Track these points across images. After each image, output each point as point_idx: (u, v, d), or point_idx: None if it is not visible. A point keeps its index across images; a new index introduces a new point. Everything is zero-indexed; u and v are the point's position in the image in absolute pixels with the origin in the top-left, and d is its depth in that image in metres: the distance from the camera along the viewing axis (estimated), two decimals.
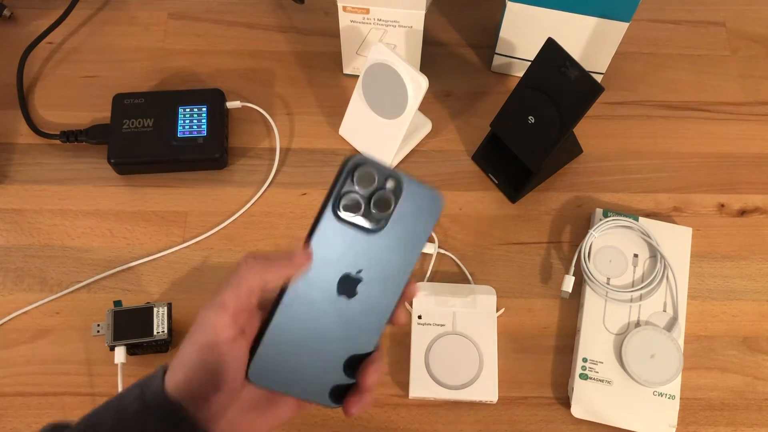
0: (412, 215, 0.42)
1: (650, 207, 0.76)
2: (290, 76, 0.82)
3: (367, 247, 0.42)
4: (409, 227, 0.42)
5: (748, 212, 0.76)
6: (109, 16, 0.86)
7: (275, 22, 0.86)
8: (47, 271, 0.72)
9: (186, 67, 0.83)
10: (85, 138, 0.76)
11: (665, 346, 0.67)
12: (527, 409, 0.68)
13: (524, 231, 0.75)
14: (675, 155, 0.79)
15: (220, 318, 0.39)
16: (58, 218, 0.74)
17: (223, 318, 0.39)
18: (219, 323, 0.39)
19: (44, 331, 0.70)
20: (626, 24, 0.72)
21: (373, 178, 0.41)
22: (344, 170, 0.40)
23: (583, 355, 0.68)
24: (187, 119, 0.75)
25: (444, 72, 0.83)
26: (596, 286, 0.70)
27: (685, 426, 0.67)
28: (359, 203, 0.41)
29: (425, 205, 0.42)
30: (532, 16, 0.73)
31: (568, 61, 0.66)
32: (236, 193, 0.76)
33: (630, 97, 0.82)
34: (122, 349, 0.66)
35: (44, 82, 0.82)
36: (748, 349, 0.70)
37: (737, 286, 0.73)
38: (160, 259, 0.73)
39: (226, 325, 0.39)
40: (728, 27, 0.86)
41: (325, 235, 0.41)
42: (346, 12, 0.73)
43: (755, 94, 0.82)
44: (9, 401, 0.67)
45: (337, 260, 0.41)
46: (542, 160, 0.70)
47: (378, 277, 0.42)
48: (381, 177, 0.41)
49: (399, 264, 0.42)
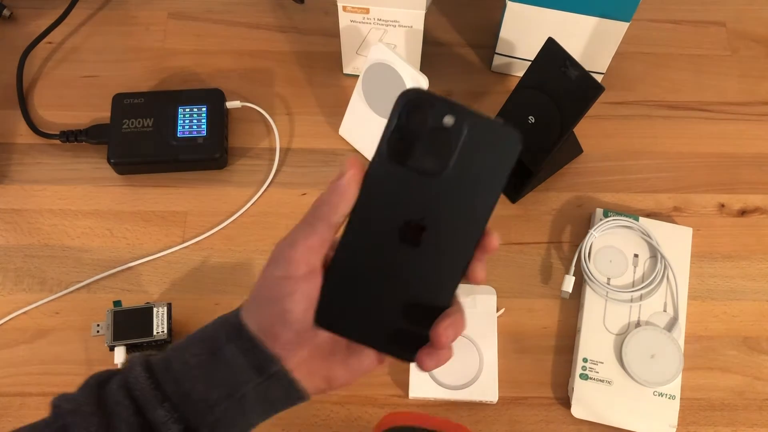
0: (480, 156, 0.37)
1: (650, 207, 0.76)
2: (290, 76, 0.82)
3: (429, 192, 0.38)
4: (477, 170, 0.37)
5: (748, 212, 0.76)
6: (109, 16, 0.86)
7: (275, 22, 0.86)
8: (47, 271, 0.72)
9: (186, 67, 0.83)
10: (84, 138, 0.76)
11: (665, 346, 0.67)
12: (527, 409, 0.68)
13: (524, 231, 0.75)
14: (675, 155, 0.79)
15: (292, 252, 0.39)
16: (58, 218, 0.74)
17: (295, 252, 0.39)
18: (291, 257, 0.39)
19: (44, 331, 0.70)
20: (626, 24, 0.72)
21: (427, 114, 0.37)
22: (397, 106, 0.37)
23: (584, 355, 0.68)
24: (187, 119, 0.75)
25: (444, 72, 0.82)
26: (596, 286, 0.70)
27: (685, 426, 0.67)
28: (414, 143, 0.37)
29: (497, 145, 0.37)
30: (532, 15, 0.73)
31: (569, 61, 0.66)
32: (236, 193, 0.76)
33: (630, 97, 0.82)
34: (122, 349, 0.66)
35: (44, 82, 0.82)
36: (748, 350, 0.70)
37: (737, 286, 0.73)
38: (160, 259, 0.73)
39: (298, 259, 0.39)
40: (728, 27, 0.86)
41: (380, 178, 0.38)
42: (346, 12, 0.73)
43: (755, 94, 0.82)
44: (9, 401, 0.67)
45: (395, 205, 0.38)
46: (542, 160, 0.70)
47: (444, 225, 0.38)
48: (438, 112, 0.37)
49: (469, 212, 0.38)
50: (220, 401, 0.40)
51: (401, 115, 0.37)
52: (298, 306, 0.39)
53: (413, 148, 0.37)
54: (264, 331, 0.40)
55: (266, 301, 0.40)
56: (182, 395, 0.40)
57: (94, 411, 0.40)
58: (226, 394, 0.40)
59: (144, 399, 0.40)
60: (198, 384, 0.40)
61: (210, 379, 0.40)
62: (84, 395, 0.41)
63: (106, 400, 0.41)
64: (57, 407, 0.42)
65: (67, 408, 0.41)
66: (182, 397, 0.40)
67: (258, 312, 0.40)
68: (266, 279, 0.40)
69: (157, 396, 0.40)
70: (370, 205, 0.39)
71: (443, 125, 0.37)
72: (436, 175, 0.38)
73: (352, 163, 0.38)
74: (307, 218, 0.39)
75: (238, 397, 0.40)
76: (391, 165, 0.38)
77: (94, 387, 0.42)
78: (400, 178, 0.38)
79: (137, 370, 0.41)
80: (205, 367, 0.40)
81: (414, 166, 0.38)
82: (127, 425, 0.39)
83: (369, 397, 0.68)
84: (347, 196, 0.38)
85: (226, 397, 0.40)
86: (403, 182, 0.38)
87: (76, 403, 0.41)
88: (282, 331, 0.40)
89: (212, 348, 0.41)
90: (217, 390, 0.40)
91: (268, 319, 0.40)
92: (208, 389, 0.40)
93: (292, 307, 0.39)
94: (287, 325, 0.39)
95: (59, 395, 0.43)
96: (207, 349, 0.41)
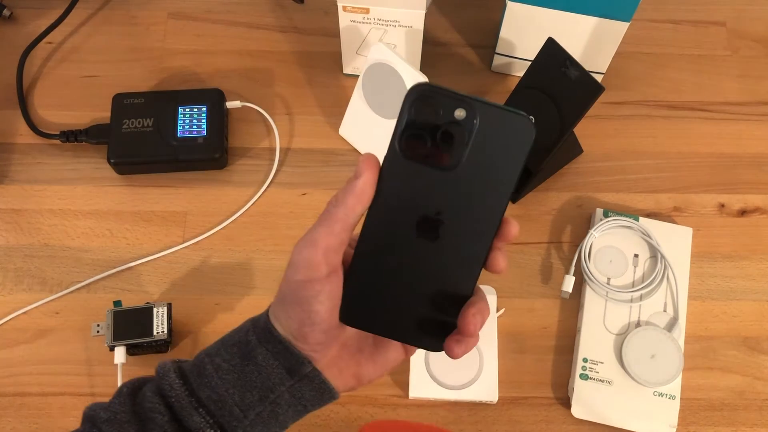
0: (494, 146, 0.37)
1: (650, 207, 0.76)
2: (290, 76, 0.82)
3: (445, 185, 0.38)
4: (492, 160, 0.37)
5: (748, 212, 0.76)
6: (109, 16, 0.86)
7: (275, 22, 0.86)
8: (47, 271, 0.72)
9: (186, 67, 0.83)
10: (84, 138, 0.76)
11: (665, 346, 0.67)
12: (527, 409, 0.68)
13: (524, 231, 0.75)
14: (675, 155, 0.79)
15: (312, 254, 0.39)
16: (58, 218, 0.74)
17: (314, 254, 0.39)
18: (311, 260, 0.39)
19: (44, 332, 0.70)
20: (626, 24, 0.72)
21: (437, 108, 0.36)
22: (407, 101, 0.36)
23: (584, 355, 0.68)
24: (187, 119, 0.75)
25: (444, 72, 0.82)
26: (596, 286, 0.70)
27: (685, 426, 0.67)
28: (425, 138, 0.37)
29: (511, 134, 0.37)
30: (532, 15, 0.73)
31: (569, 61, 0.66)
32: (236, 193, 0.76)
33: (630, 97, 0.82)
34: (122, 349, 0.66)
35: (44, 82, 0.82)
36: (748, 350, 0.70)
37: (738, 286, 0.73)
38: (160, 259, 0.73)
39: (318, 261, 0.39)
40: (728, 27, 0.86)
41: (394, 175, 0.38)
42: (346, 12, 0.73)
43: (756, 94, 0.82)
44: (8, 401, 0.67)
45: (412, 201, 0.38)
46: (542, 160, 0.70)
47: (462, 217, 0.38)
48: (449, 106, 0.36)
49: (485, 203, 0.38)
50: (254, 405, 0.41)
51: (411, 111, 0.37)
52: (324, 306, 0.40)
53: (425, 143, 0.37)
54: (293, 333, 0.41)
55: (292, 304, 0.40)
56: (217, 401, 0.40)
57: (130, 419, 0.41)
58: (260, 398, 0.41)
59: (179, 405, 0.40)
60: (231, 389, 0.41)
61: (243, 384, 0.41)
62: (118, 403, 0.42)
63: (141, 408, 0.41)
64: (92, 417, 0.42)
65: (103, 417, 0.41)
66: (217, 402, 0.40)
67: (285, 315, 0.41)
68: (289, 283, 0.40)
69: (192, 402, 0.40)
70: (386, 203, 0.39)
71: (454, 118, 0.37)
72: (450, 168, 0.38)
73: (367, 165, 0.38)
74: (323, 220, 0.40)
75: (271, 400, 0.41)
76: (404, 162, 0.38)
77: (127, 395, 0.42)
78: (414, 174, 0.38)
79: (171, 377, 0.41)
80: (238, 372, 0.41)
81: (428, 161, 0.38)
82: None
83: (369, 397, 0.68)
84: (364, 198, 0.38)
85: (259, 401, 0.41)
86: (418, 178, 0.38)
87: (111, 412, 0.41)
88: (310, 332, 0.40)
89: (244, 352, 0.41)
90: (250, 394, 0.41)
91: (295, 321, 0.40)
92: (242, 394, 0.40)
93: (318, 308, 0.40)
94: (315, 326, 0.40)
95: (92, 404, 0.43)
96: (239, 354, 0.41)
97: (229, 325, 0.66)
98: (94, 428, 0.41)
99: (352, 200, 0.38)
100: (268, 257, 0.73)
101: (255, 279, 0.72)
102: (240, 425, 0.41)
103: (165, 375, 0.42)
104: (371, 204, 0.39)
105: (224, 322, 0.71)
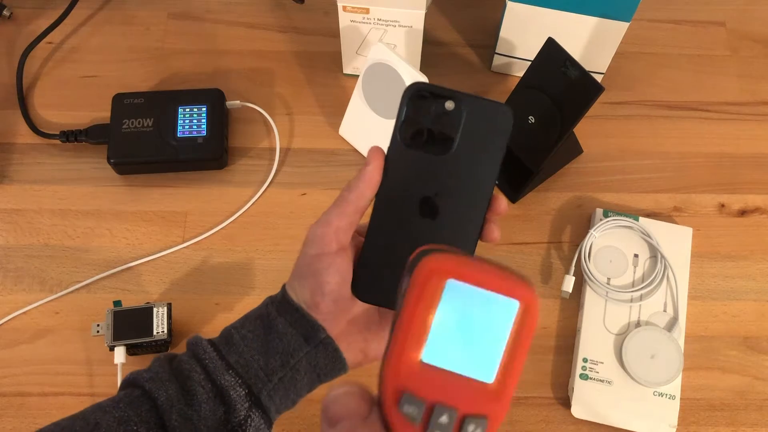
0: (481, 132, 0.43)
1: (650, 207, 0.76)
2: (290, 75, 0.82)
3: (441, 169, 0.43)
4: (479, 144, 0.43)
5: (748, 212, 0.76)
6: (109, 16, 0.86)
7: (275, 22, 0.86)
8: (47, 271, 0.72)
9: (186, 66, 0.83)
10: (84, 138, 0.76)
11: (665, 346, 0.67)
12: (527, 409, 0.68)
13: (524, 231, 0.75)
14: (675, 155, 0.79)
15: (325, 232, 0.44)
16: (58, 218, 0.74)
17: (327, 232, 0.44)
18: (324, 236, 0.44)
19: (44, 331, 0.70)
20: (626, 24, 0.72)
21: (431, 102, 0.42)
22: (404, 98, 0.42)
23: (584, 355, 0.68)
24: (187, 119, 0.75)
25: (444, 72, 0.82)
26: (596, 286, 0.70)
27: (685, 426, 0.67)
28: (422, 128, 0.43)
29: (494, 121, 0.43)
30: (532, 15, 0.73)
31: (569, 61, 0.66)
32: (236, 193, 0.76)
33: (630, 97, 0.82)
34: (122, 349, 0.66)
35: (44, 81, 0.82)
36: (748, 350, 0.70)
37: (738, 286, 0.73)
38: (160, 259, 0.73)
39: (330, 238, 0.44)
40: (728, 27, 0.86)
41: (398, 162, 0.43)
42: (346, 12, 0.73)
43: (755, 94, 0.82)
44: (8, 401, 0.67)
45: (413, 184, 0.43)
46: (542, 159, 0.70)
47: (457, 196, 0.43)
48: (440, 100, 0.42)
49: (477, 182, 0.43)
50: (276, 370, 0.45)
51: (408, 106, 0.43)
52: (334, 278, 0.44)
53: (422, 132, 0.43)
54: (306, 302, 0.46)
55: (305, 276, 0.45)
56: (244, 365, 0.45)
57: (170, 378, 0.45)
58: (281, 363, 0.45)
59: (213, 366, 0.45)
60: (256, 354, 0.45)
61: (267, 350, 0.45)
62: (158, 365, 0.47)
63: (178, 369, 0.46)
64: (133, 380, 0.46)
65: (145, 376, 0.46)
66: (244, 366, 0.45)
67: (299, 286, 0.46)
68: (304, 257, 0.46)
69: (223, 364, 0.45)
70: (391, 187, 0.44)
71: (445, 110, 0.43)
72: (444, 153, 0.43)
73: (375, 155, 0.44)
74: (337, 203, 0.45)
75: (291, 365, 0.45)
76: (405, 150, 0.43)
77: (165, 360, 0.47)
78: (414, 161, 0.43)
79: (203, 344, 0.46)
80: (261, 341, 0.46)
81: (425, 148, 0.43)
82: (201, 387, 0.44)
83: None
84: (372, 183, 0.44)
85: (281, 366, 0.45)
86: (418, 163, 0.43)
87: (153, 372, 0.46)
88: (321, 301, 0.45)
89: (265, 323, 0.46)
90: (273, 359, 0.45)
91: (308, 291, 0.45)
92: (266, 359, 0.45)
93: (328, 279, 0.44)
94: (326, 296, 0.45)
95: (130, 372, 0.47)
96: (261, 325, 0.46)
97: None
98: (137, 389, 0.46)
99: (362, 185, 0.44)
100: (268, 257, 0.73)
101: (255, 279, 0.72)
102: (264, 388, 0.45)
103: (197, 343, 0.46)
104: (379, 190, 0.44)
105: (224, 321, 0.70)
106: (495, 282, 0.31)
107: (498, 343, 0.31)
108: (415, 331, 0.31)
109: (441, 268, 0.31)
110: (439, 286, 0.31)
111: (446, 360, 0.31)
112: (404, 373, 0.31)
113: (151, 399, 0.45)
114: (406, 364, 0.31)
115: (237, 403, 0.44)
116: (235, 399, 0.44)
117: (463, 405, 0.31)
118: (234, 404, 0.44)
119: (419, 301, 0.31)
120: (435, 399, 0.31)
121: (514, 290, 0.31)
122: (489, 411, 0.31)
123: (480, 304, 0.31)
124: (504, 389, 0.31)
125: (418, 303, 0.31)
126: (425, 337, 0.31)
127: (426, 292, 0.31)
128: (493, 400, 0.31)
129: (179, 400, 0.44)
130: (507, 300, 0.31)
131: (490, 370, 0.31)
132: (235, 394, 0.44)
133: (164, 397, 0.44)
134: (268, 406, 0.45)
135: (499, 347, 0.31)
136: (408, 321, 0.31)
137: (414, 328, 0.31)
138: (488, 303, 0.31)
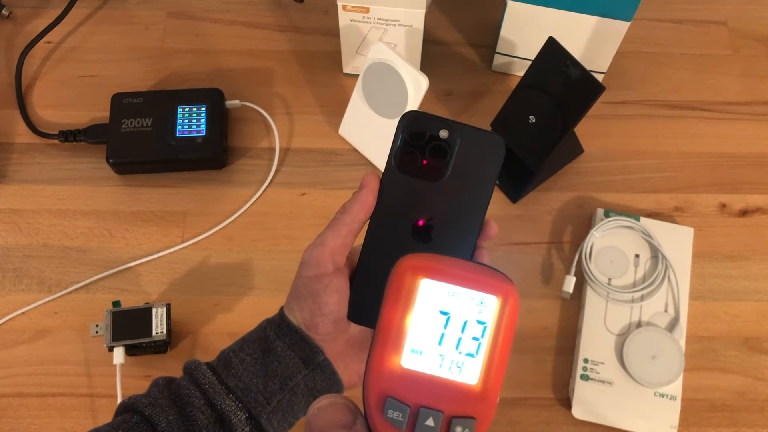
0: (473, 160, 0.44)
1: (651, 207, 0.76)
2: (290, 75, 0.82)
3: (434, 194, 0.44)
4: (472, 172, 0.44)
5: (749, 212, 0.76)
6: (108, 16, 0.86)
7: (274, 21, 0.85)
8: (46, 271, 0.72)
9: (185, 66, 0.82)
10: (83, 138, 0.76)
11: (666, 346, 0.67)
12: (528, 409, 0.68)
13: (525, 231, 0.75)
14: (676, 155, 0.79)
15: (321, 253, 0.45)
16: (57, 218, 0.74)
17: (323, 252, 0.45)
18: (320, 257, 0.45)
19: (43, 332, 0.70)
20: (627, 23, 0.72)
21: (425, 130, 0.44)
22: (399, 126, 0.44)
23: (584, 355, 0.67)
24: (186, 119, 0.75)
25: (444, 71, 0.82)
26: (597, 287, 0.70)
27: (686, 427, 0.67)
28: (416, 156, 0.44)
29: (486, 150, 0.44)
30: (533, 15, 0.73)
31: (569, 61, 0.66)
32: (235, 193, 0.76)
33: (631, 97, 0.82)
34: (121, 349, 0.66)
35: (43, 81, 0.81)
36: (749, 350, 0.70)
37: (739, 286, 0.73)
38: (159, 259, 0.73)
39: (326, 259, 0.45)
40: (730, 26, 0.86)
41: (392, 187, 0.45)
42: (345, 11, 0.73)
43: (757, 93, 0.82)
44: (7, 402, 0.67)
45: (407, 209, 0.45)
46: (543, 159, 0.70)
47: (450, 222, 0.44)
48: (434, 128, 0.44)
49: (469, 208, 0.44)
50: (275, 393, 0.46)
51: (403, 133, 0.44)
52: (332, 298, 0.45)
53: (417, 159, 0.44)
54: (305, 323, 0.46)
55: (303, 297, 0.46)
56: (243, 389, 0.46)
57: (169, 403, 0.45)
58: (280, 386, 0.46)
59: (213, 391, 0.45)
60: (255, 378, 0.46)
61: (265, 374, 0.46)
62: (156, 391, 0.46)
63: (177, 395, 0.46)
64: (131, 405, 0.46)
65: (144, 402, 0.46)
66: (244, 390, 0.46)
67: (298, 308, 0.47)
68: (301, 279, 0.46)
69: (223, 389, 0.45)
70: (385, 211, 0.45)
71: (439, 137, 0.44)
72: (438, 179, 0.44)
73: (369, 179, 0.45)
74: (331, 225, 0.46)
75: (290, 388, 0.46)
76: (399, 175, 0.45)
77: (163, 385, 0.47)
78: (408, 186, 0.44)
79: (202, 368, 0.46)
80: (259, 363, 0.46)
81: (419, 174, 0.44)
82: (201, 413, 0.45)
83: None
84: (366, 206, 0.45)
85: (279, 389, 0.46)
86: (411, 189, 0.44)
87: (151, 398, 0.46)
88: (321, 322, 0.46)
89: (264, 346, 0.47)
90: (272, 382, 0.46)
91: (308, 312, 0.46)
92: (264, 382, 0.46)
93: (327, 299, 0.45)
94: (325, 316, 0.45)
95: (128, 397, 0.47)
96: (260, 348, 0.47)
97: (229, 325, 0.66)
98: (136, 414, 0.45)
99: (356, 207, 0.45)
100: (268, 257, 0.73)
101: (254, 279, 0.72)
102: (264, 411, 0.45)
103: (196, 368, 0.47)
104: (373, 213, 0.45)
105: (223, 322, 0.70)
106: (471, 279, 0.30)
107: (479, 341, 0.31)
108: (393, 334, 0.31)
109: (414, 268, 0.31)
110: (414, 286, 0.30)
111: (427, 362, 0.31)
112: (386, 378, 0.31)
113: (152, 425, 0.45)
114: (388, 369, 0.31)
115: (237, 428, 0.44)
116: (235, 424, 0.44)
117: (449, 407, 0.31)
118: (234, 429, 0.44)
119: (395, 303, 0.31)
120: (419, 402, 0.31)
121: (491, 286, 0.30)
122: (476, 411, 0.31)
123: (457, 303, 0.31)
124: (489, 388, 0.31)
125: (395, 306, 0.31)
126: (404, 340, 0.31)
127: (401, 294, 0.31)
128: (479, 399, 0.31)
129: (179, 427, 0.44)
130: (485, 296, 0.30)
131: (474, 370, 0.31)
132: (236, 419, 0.44)
133: (164, 423, 0.44)
134: (267, 430, 0.45)
135: (481, 345, 0.31)
136: (386, 325, 0.31)
137: (392, 332, 0.31)
138: (466, 300, 0.31)
